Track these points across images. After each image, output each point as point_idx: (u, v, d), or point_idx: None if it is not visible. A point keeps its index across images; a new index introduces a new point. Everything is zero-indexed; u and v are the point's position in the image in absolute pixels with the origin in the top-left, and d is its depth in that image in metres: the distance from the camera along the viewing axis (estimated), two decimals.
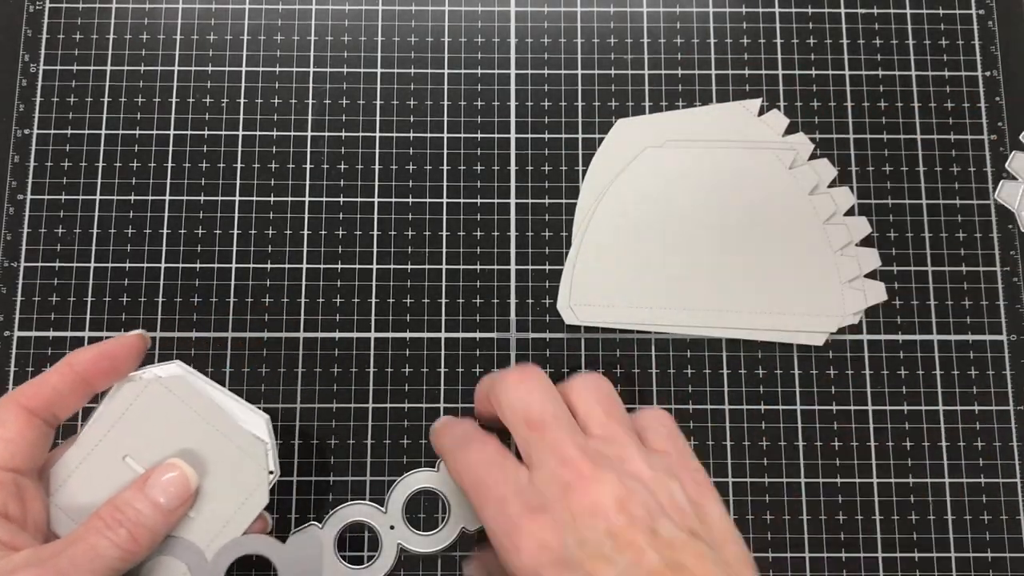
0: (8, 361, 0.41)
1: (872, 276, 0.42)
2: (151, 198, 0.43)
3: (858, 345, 0.41)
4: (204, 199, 0.43)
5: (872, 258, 0.42)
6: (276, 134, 0.43)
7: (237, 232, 0.42)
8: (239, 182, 0.43)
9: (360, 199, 0.43)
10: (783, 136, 0.44)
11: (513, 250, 0.42)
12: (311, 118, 0.44)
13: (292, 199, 0.43)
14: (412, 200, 0.43)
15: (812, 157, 0.43)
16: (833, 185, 0.43)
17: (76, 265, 0.42)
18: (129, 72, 0.44)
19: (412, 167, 0.43)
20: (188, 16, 0.45)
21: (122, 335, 0.31)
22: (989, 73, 0.45)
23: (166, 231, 0.42)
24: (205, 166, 0.43)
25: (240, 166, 0.43)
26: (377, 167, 0.43)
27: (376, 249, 0.42)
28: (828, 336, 0.41)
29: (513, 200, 0.43)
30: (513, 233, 0.42)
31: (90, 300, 0.41)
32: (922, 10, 0.45)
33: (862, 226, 0.43)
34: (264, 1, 0.45)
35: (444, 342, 0.41)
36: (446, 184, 0.43)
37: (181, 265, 0.42)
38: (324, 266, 0.42)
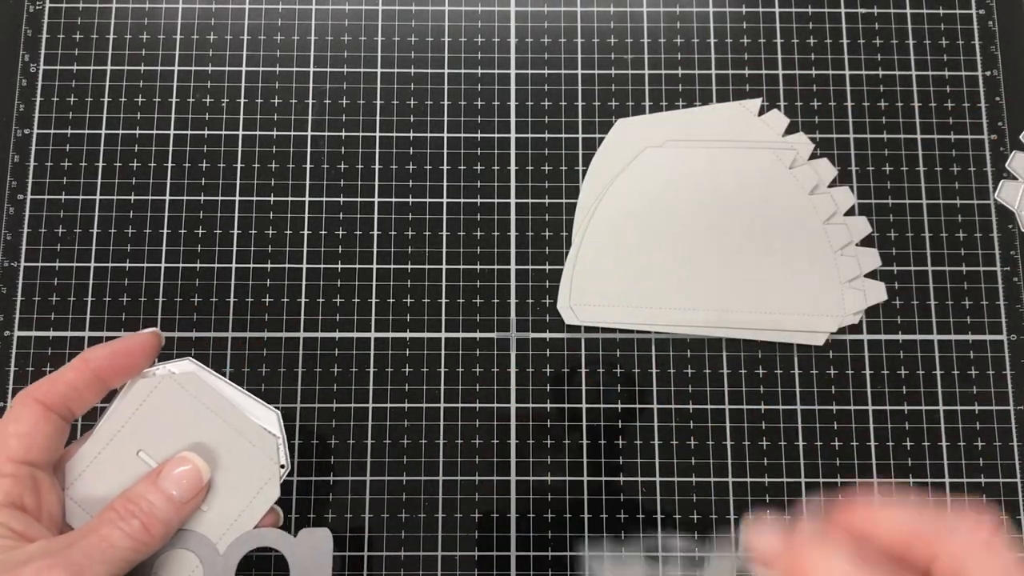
0: (8, 361, 0.41)
1: (872, 276, 0.42)
2: (151, 198, 0.43)
3: (858, 345, 0.41)
4: (204, 199, 0.43)
5: (872, 258, 0.42)
6: (276, 134, 0.43)
7: (237, 232, 0.42)
8: (239, 182, 0.43)
9: (360, 199, 0.43)
10: (783, 136, 0.44)
11: (513, 250, 0.42)
12: (311, 118, 0.44)
13: (292, 199, 0.43)
14: (412, 200, 0.43)
15: (812, 157, 0.43)
16: (833, 185, 0.43)
17: (76, 265, 0.42)
18: (129, 72, 0.44)
19: (412, 167, 0.43)
20: (188, 16, 0.45)
21: (137, 333, 0.31)
22: (989, 73, 0.45)
23: (166, 231, 0.42)
24: (205, 166, 0.43)
25: (240, 166, 0.43)
26: (377, 167, 0.43)
27: (376, 249, 0.42)
28: (828, 336, 0.41)
29: (513, 200, 0.43)
30: (513, 233, 0.42)
31: (90, 300, 0.41)
32: (922, 10, 0.45)
33: (862, 226, 0.43)
34: (264, 1, 0.45)
35: (444, 342, 0.41)
36: (446, 184, 0.43)
37: (181, 265, 0.42)
38: (324, 266, 0.42)
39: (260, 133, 0.43)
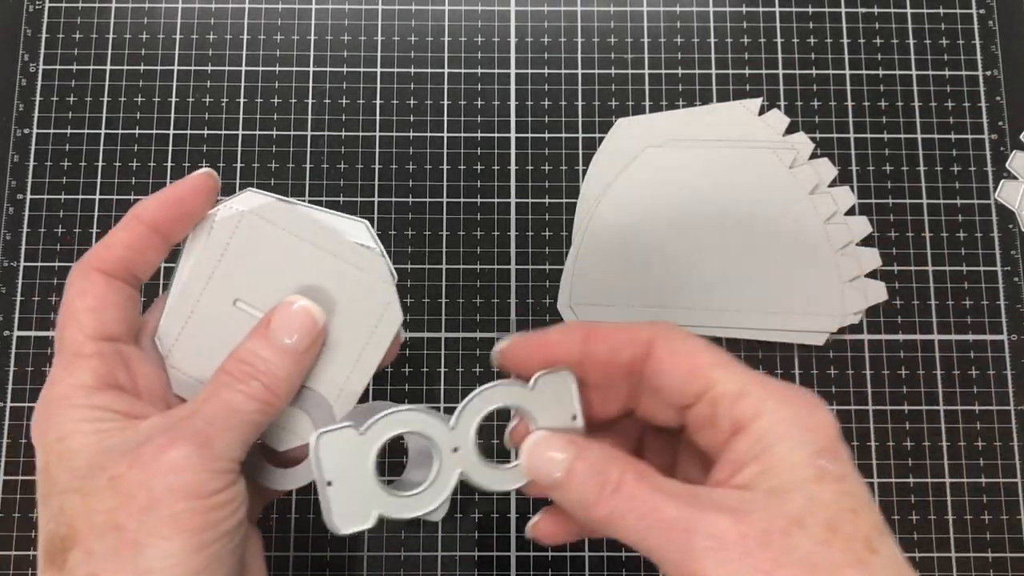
0: (8, 361, 0.41)
1: (872, 276, 0.42)
2: None
3: (858, 345, 0.41)
4: None
5: (872, 258, 0.42)
6: (276, 134, 0.43)
7: None
8: (239, 182, 0.43)
9: (360, 199, 0.43)
10: (783, 136, 0.43)
11: (513, 250, 0.42)
12: (311, 118, 0.44)
13: None
14: (412, 200, 0.43)
15: (812, 157, 0.43)
16: (833, 185, 0.43)
17: None
18: (129, 72, 0.44)
19: (412, 167, 0.43)
20: (188, 16, 0.45)
21: (188, 176, 0.27)
22: (990, 72, 0.44)
23: None
24: (205, 166, 0.43)
25: (240, 166, 0.43)
26: (377, 167, 0.43)
27: None
28: (828, 336, 0.41)
29: (513, 200, 0.43)
30: (513, 233, 0.42)
31: None
32: (922, 9, 0.45)
33: (862, 226, 0.43)
34: (264, 1, 0.45)
35: (444, 342, 0.41)
36: (446, 184, 0.43)
37: None
38: None
39: (260, 133, 0.43)
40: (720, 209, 0.42)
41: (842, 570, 0.21)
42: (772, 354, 0.41)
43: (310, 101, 0.44)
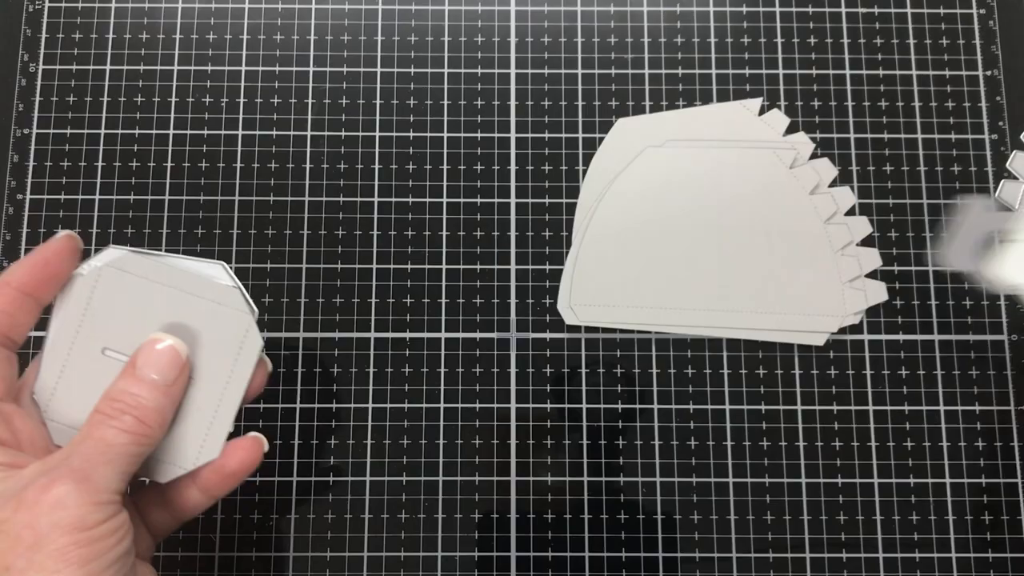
0: None
1: (872, 276, 0.42)
2: (151, 198, 0.43)
3: (858, 345, 0.41)
4: (204, 199, 0.43)
5: (873, 258, 0.42)
6: (276, 134, 0.43)
7: (237, 232, 0.42)
8: (239, 182, 0.43)
9: (360, 199, 0.43)
10: (783, 136, 0.43)
11: (513, 250, 0.42)
12: (311, 118, 0.44)
13: (292, 199, 0.43)
14: (412, 200, 0.43)
15: (812, 157, 0.43)
16: (834, 185, 0.43)
17: None
18: (129, 72, 0.44)
19: (412, 167, 0.43)
20: (188, 16, 0.45)
21: (51, 239, 0.29)
22: (990, 72, 0.44)
23: (166, 231, 0.42)
24: (205, 166, 0.43)
25: (240, 166, 0.43)
26: (377, 167, 0.43)
27: (376, 249, 0.42)
28: (828, 336, 0.41)
29: (513, 200, 0.43)
30: (513, 233, 0.42)
31: None
32: (922, 9, 0.45)
33: (863, 226, 0.43)
34: (264, 1, 0.45)
35: (444, 342, 0.41)
36: (446, 184, 0.43)
37: None
38: (324, 266, 0.42)
39: (260, 133, 0.43)
40: (720, 209, 0.42)
41: None
42: (772, 354, 0.41)
43: (310, 101, 0.44)
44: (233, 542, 0.39)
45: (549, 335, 0.41)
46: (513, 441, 0.40)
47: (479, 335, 0.41)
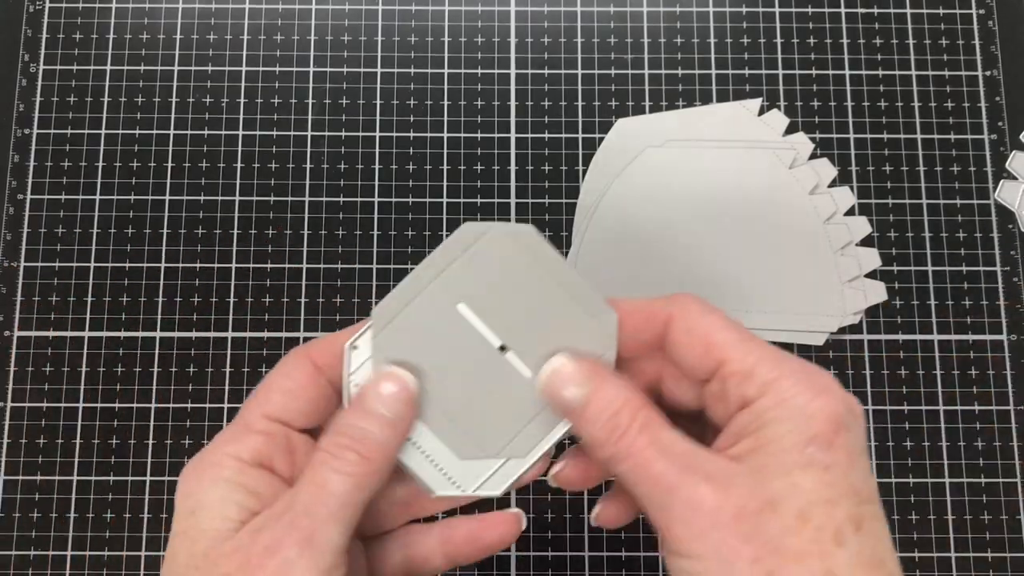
0: (8, 361, 0.41)
1: (872, 276, 0.42)
2: (151, 198, 0.43)
3: (858, 345, 0.41)
4: (204, 199, 0.43)
5: (872, 258, 0.42)
6: (276, 134, 0.43)
7: (237, 232, 0.42)
8: (239, 182, 0.43)
9: (360, 199, 0.43)
10: (783, 136, 0.44)
11: None
12: (311, 118, 0.44)
13: (292, 199, 0.43)
14: (412, 200, 0.43)
15: (812, 157, 0.43)
16: (833, 185, 0.43)
17: (76, 265, 0.42)
18: (129, 72, 0.44)
19: (412, 167, 0.43)
20: (188, 16, 0.45)
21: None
22: (989, 73, 0.44)
23: (166, 231, 0.42)
24: (205, 166, 0.43)
25: (240, 166, 0.43)
26: (377, 167, 0.43)
27: (376, 249, 0.42)
28: (828, 336, 0.41)
29: (513, 200, 0.43)
30: None
31: (90, 300, 0.41)
32: (922, 10, 0.45)
33: (862, 226, 0.43)
34: (264, 1, 0.45)
35: None
36: (446, 184, 0.43)
37: (181, 265, 0.42)
38: (324, 266, 0.42)
39: (260, 133, 0.43)
40: (720, 209, 0.42)
41: (803, 558, 0.21)
42: None
43: (310, 101, 0.44)
44: None
45: None
46: None
47: None
